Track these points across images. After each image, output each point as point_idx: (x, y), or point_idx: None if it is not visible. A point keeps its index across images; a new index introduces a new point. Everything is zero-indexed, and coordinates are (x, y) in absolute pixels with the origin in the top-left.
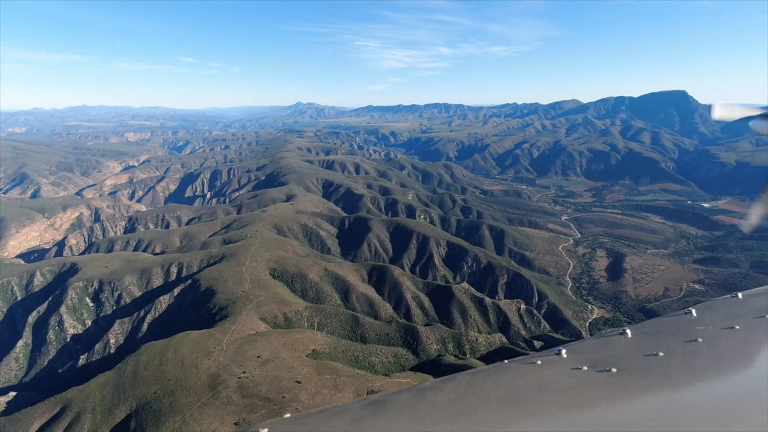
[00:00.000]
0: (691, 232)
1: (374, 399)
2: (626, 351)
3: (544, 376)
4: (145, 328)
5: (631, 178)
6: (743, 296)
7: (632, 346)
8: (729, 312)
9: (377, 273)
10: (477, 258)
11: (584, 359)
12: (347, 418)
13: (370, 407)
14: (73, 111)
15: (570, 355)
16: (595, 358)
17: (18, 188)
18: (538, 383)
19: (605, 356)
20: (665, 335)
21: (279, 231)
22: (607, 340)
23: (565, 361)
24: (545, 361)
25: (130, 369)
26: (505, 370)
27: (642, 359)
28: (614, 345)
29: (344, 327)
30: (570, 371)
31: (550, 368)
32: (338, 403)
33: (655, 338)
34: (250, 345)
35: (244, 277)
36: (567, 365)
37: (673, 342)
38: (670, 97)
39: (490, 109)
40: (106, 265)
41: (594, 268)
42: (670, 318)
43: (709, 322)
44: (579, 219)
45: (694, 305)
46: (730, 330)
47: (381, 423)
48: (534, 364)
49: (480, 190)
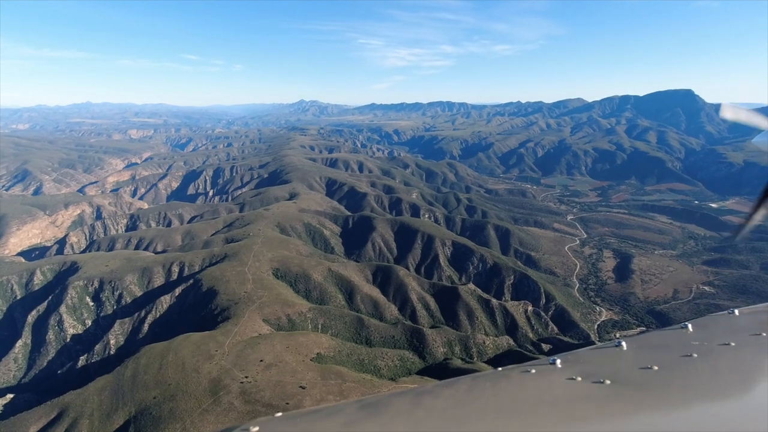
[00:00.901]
0: (699, 233)
1: (366, 401)
2: (621, 363)
3: (538, 385)
4: (146, 328)
5: (637, 178)
6: (740, 313)
7: (627, 358)
8: (725, 328)
9: (382, 273)
10: (483, 258)
11: (579, 370)
12: (338, 419)
13: (361, 409)
14: (76, 108)
15: (565, 365)
16: (590, 370)
17: (20, 185)
18: (532, 393)
19: (600, 368)
20: (661, 349)
21: (282, 230)
22: (602, 352)
23: (560, 371)
24: (540, 370)
25: (130, 372)
26: (499, 378)
27: (637, 372)
28: (609, 357)
29: (349, 329)
30: (564, 381)
31: (544, 378)
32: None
33: (651, 352)
34: (253, 348)
35: (246, 277)
36: (561, 375)
37: (669, 356)
38: (676, 96)
39: (493, 108)
40: (107, 263)
41: (601, 269)
42: (666, 332)
43: (705, 337)
44: (585, 219)
45: (690, 320)
46: (726, 347)
47: (372, 425)
48: (528, 373)
49: (484, 189)
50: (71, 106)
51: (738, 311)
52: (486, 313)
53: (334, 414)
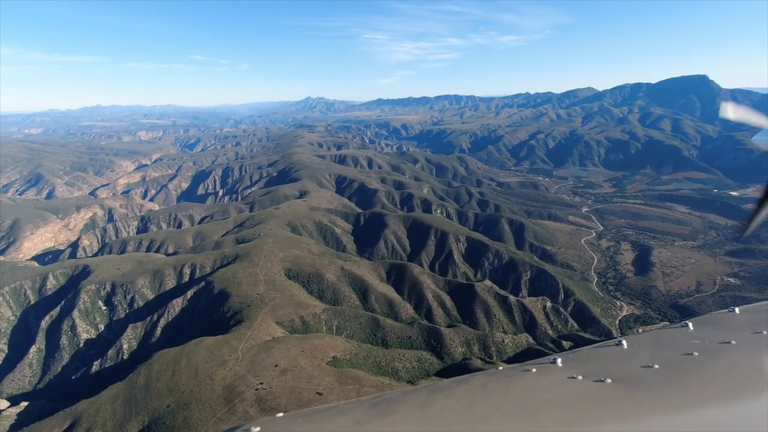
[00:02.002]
0: (720, 223)
1: (366, 401)
2: (622, 362)
3: (538, 384)
4: (159, 332)
5: (652, 167)
6: (740, 311)
7: (628, 357)
8: (726, 326)
9: (396, 271)
10: (498, 254)
11: (579, 369)
12: (339, 419)
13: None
14: (87, 111)
15: (565, 364)
16: (591, 368)
17: (33, 189)
18: (533, 392)
19: (601, 367)
20: (661, 348)
21: (293, 229)
22: (603, 351)
23: (561, 369)
24: (540, 369)
25: (142, 380)
26: (500, 378)
27: (637, 371)
28: (610, 356)
29: (364, 330)
30: (565, 380)
31: (545, 377)
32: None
33: (651, 350)
34: (267, 353)
35: (258, 278)
36: (562, 374)
37: (669, 355)
38: (689, 83)
39: (501, 100)
40: (119, 267)
41: (620, 262)
42: (667, 330)
43: (706, 336)
44: (600, 210)
45: (690, 318)
46: (726, 345)
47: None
48: (529, 372)
49: (496, 183)
50: (82, 109)
51: (738, 309)
52: (504, 310)
53: (335, 414)
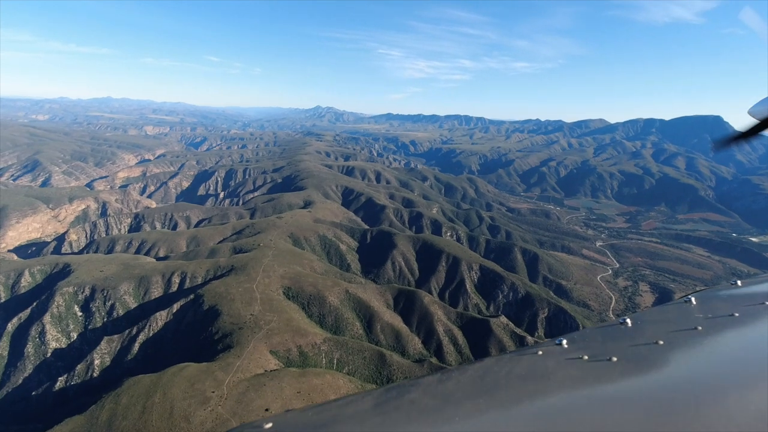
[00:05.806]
0: (742, 269)
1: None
2: (626, 340)
3: (545, 365)
4: (136, 349)
5: (667, 205)
6: (743, 283)
7: (632, 335)
8: (728, 299)
9: (404, 299)
10: (514, 287)
11: (585, 349)
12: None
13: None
14: (96, 102)
15: (570, 345)
16: (596, 348)
17: (29, 175)
18: (539, 372)
19: (606, 345)
20: (665, 324)
21: (295, 241)
22: (607, 330)
23: (566, 350)
24: (546, 351)
25: (105, 416)
26: (506, 362)
27: (642, 348)
28: (614, 334)
29: (368, 366)
30: (571, 361)
31: (551, 358)
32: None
33: (655, 327)
34: (257, 391)
35: (254, 295)
36: (568, 355)
37: (673, 330)
38: (703, 122)
39: (512, 124)
40: (102, 268)
41: (639, 304)
42: (670, 306)
43: (709, 309)
44: (615, 246)
45: (693, 292)
46: (729, 317)
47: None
48: (535, 355)
49: (506, 208)
50: (92, 100)
51: (741, 282)
52: None
53: (348, 404)
